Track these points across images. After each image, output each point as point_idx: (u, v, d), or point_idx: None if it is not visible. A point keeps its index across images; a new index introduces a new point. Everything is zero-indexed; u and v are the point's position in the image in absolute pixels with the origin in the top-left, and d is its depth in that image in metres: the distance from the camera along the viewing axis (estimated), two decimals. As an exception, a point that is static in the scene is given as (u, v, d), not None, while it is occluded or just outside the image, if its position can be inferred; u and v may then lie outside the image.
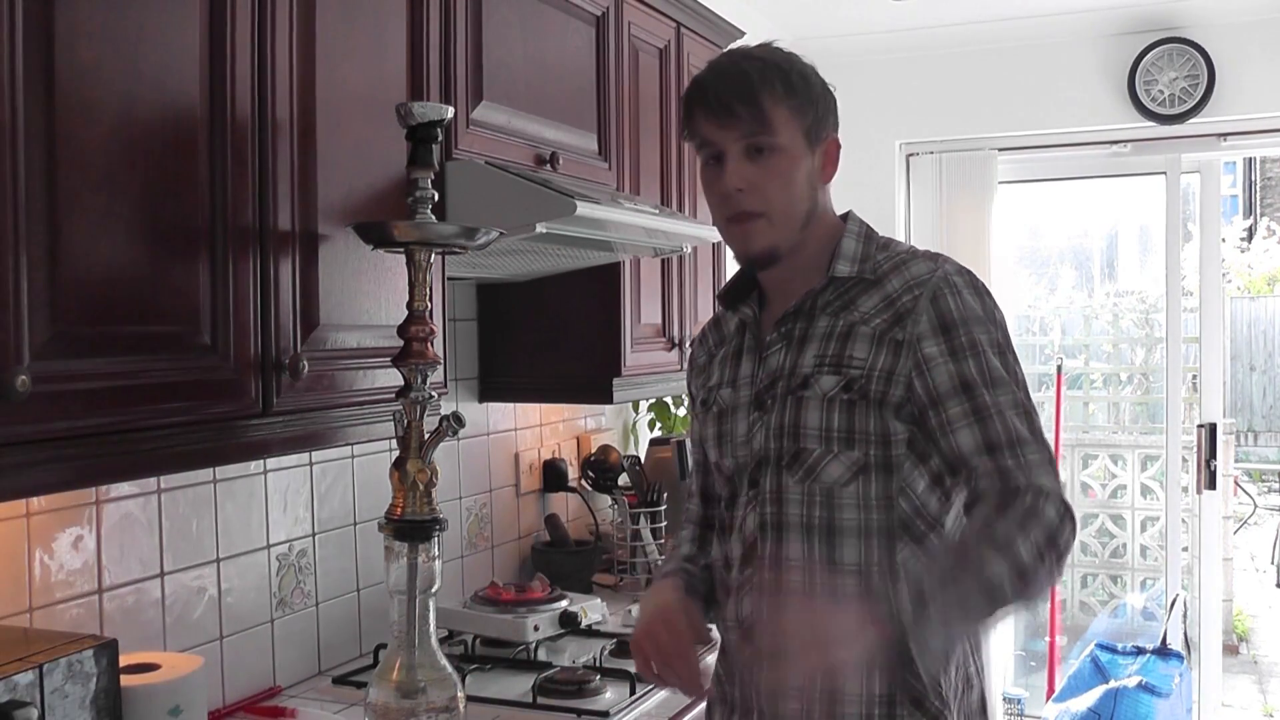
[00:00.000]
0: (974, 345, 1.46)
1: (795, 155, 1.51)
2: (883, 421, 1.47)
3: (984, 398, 1.44)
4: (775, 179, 1.51)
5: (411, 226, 1.55)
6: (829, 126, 1.56)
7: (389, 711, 1.51)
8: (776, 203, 1.52)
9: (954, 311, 1.47)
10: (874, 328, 1.50)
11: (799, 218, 1.53)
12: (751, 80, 1.50)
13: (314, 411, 1.66)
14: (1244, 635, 6.60)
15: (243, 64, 1.51)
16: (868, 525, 1.48)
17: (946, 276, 1.50)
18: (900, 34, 4.19)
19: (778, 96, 1.50)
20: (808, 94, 1.52)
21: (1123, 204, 6.81)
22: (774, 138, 1.50)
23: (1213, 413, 4.26)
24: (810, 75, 1.54)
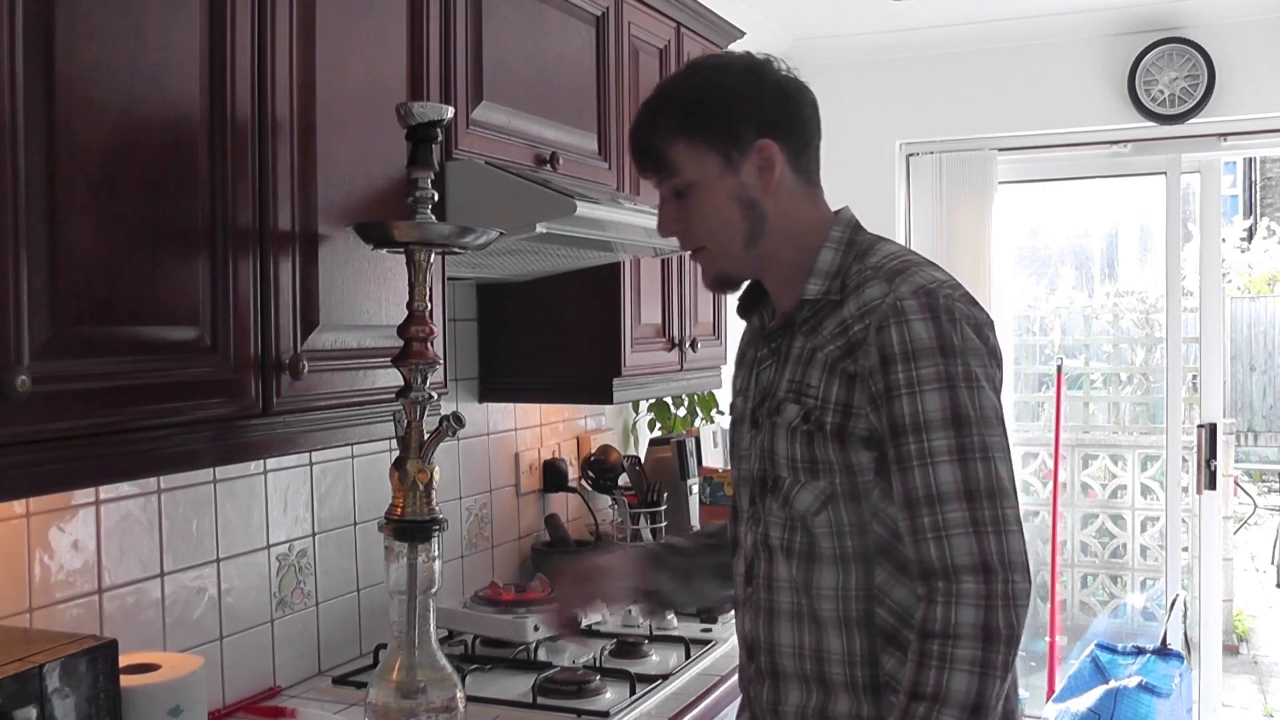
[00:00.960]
0: (911, 384, 1.36)
1: (709, 184, 1.47)
2: (845, 453, 1.41)
3: (909, 445, 1.35)
4: (696, 215, 1.49)
5: (411, 226, 1.55)
6: (750, 133, 1.46)
7: (389, 712, 1.51)
8: (706, 236, 1.50)
9: (894, 345, 1.37)
10: (827, 355, 1.43)
11: (738, 241, 1.49)
12: (644, 126, 1.50)
13: (314, 411, 1.65)
14: (1244, 635, 6.59)
15: (243, 64, 1.51)
16: (843, 552, 1.44)
17: (896, 303, 1.39)
18: (900, 34, 4.19)
19: (671, 134, 1.46)
20: (708, 115, 1.46)
21: (1123, 204, 6.81)
22: (681, 177, 1.47)
23: (1213, 413, 4.26)
24: (711, 91, 1.47)
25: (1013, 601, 1.31)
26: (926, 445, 1.34)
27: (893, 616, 1.42)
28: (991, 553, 1.31)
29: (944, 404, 1.35)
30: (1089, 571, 5.39)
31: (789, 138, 1.49)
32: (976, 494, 1.32)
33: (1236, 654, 6.22)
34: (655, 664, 2.31)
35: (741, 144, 1.46)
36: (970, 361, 1.37)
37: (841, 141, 4.42)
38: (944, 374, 1.35)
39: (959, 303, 1.40)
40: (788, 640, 1.49)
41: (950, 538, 1.32)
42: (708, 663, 2.33)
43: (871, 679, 1.43)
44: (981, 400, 1.37)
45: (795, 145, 1.50)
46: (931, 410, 1.34)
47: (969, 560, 1.31)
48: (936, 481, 1.33)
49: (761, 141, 1.47)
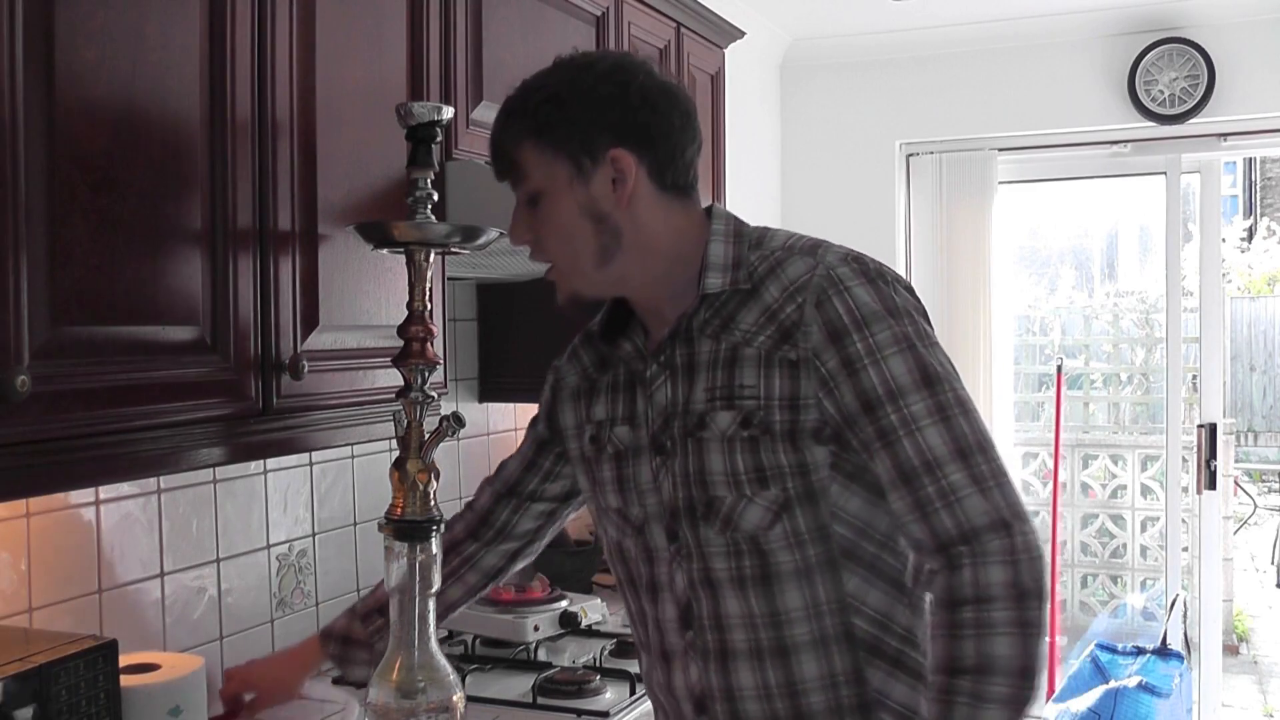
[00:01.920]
0: (871, 352, 1.27)
1: (558, 194, 1.34)
2: (798, 453, 1.30)
3: (889, 416, 1.26)
4: (545, 227, 1.36)
5: (411, 227, 1.55)
6: (605, 141, 1.32)
7: (389, 712, 1.50)
8: (554, 252, 1.37)
9: (843, 315, 1.28)
10: (759, 348, 1.31)
11: (588, 259, 1.35)
12: (497, 128, 1.37)
13: (314, 411, 1.66)
14: (1244, 635, 6.59)
15: (243, 64, 1.51)
16: (806, 564, 1.31)
17: (829, 273, 1.30)
18: (900, 34, 4.19)
19: (521, 136, 1.34)
20: (560, 118, 1.32)
21: (1123, 204, 6.82)
22: (531, 184, 1.35)
23: (1213, 413, 4.26)
24: (567, 92, 1.33)
25: (1035, 552, 1.24)
26: (907, 412, 1.26)
27: (872, 625, 1.33)
28: (1003, 506, 1.24)
29: (910, 365, 1.27)
30: (1089, 571, 5.39)
31: (648, 149, 1.34)
32: (970, 451, 1.25)
33: (1236, 654, 6.22)
34: (655, 664, 2.30)
35: (594, 152, 1.32)
36: (916, 319, 1.31)
37: (841, 141, 4.45)
38: (900, 335, 1.28)
39: (890, 271, 1.35)
40: (749, 683, 1.34)
41: (961, 501, 1.24)
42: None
43: (858, 698, 1.32)
44: (939, 355, 1.30)
45: (657, 155, 1.35)
46: (900, 375, 1.27)
47: (986, 519, 1.23)
48: (928, 446, 1.25)
49: (615, 151, 1.32)
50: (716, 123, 3.10)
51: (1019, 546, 1.23)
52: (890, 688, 1.34)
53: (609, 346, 1.48)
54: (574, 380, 1.53)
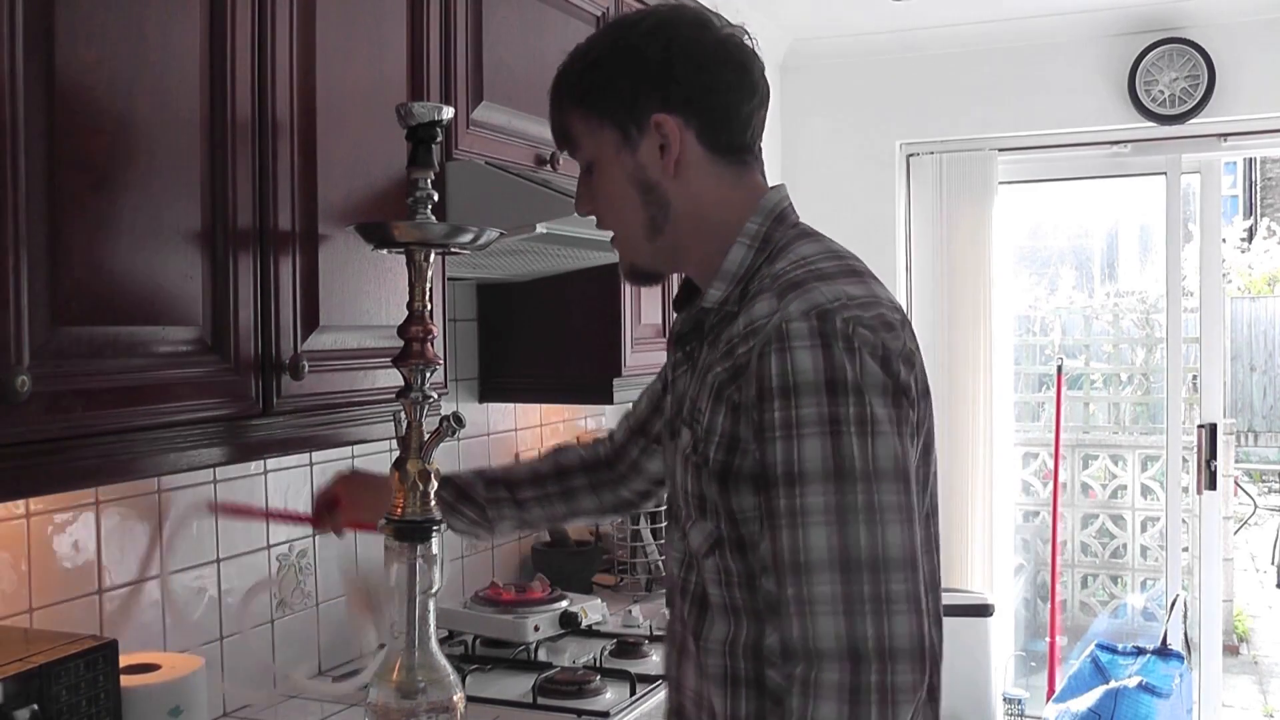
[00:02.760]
0: (788, 425, 1.12)
1: (607, 163, 1.29)
2: (727, 496, 1.20)
3: (778, 499, 1.13)
4: (599, 196, 1.32)
5: (412, 227, 1.55)
6: (650, 106, 1.25)
7: (389, 712, 1.50)
8: (609, 220, 1.33)
9: (773, 377, 1.14)
10: (715, 377, 1.21)
11: (640, 228, 1.30)
12: (552, 97, 1.34)
13: (314, 411, 1.66)
14: (1244, 635, 6.59)
15: (243, 64, 1.51)
16: (733, 604, 1.23)
17: (781, 326, 1.15)
18: (900, 34, 4.18)
19: (570, 105, 1.30)
20: (605, 84, 1.27)
21: (1123, 204, 6.82)
22: (583, 153, 1.32)
23: (1213, 413, 4.26)
24: (612, 55, 1.27)
25: (890, 696, 1.08)
26: (799, 502, 1.11)
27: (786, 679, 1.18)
28: (864, 637, 1.08)
29: (825, 452, 1.11)
30: (1089, 572, 5.39)
31: (699, 110, 1.26)
32: (854, 565, 1.09)
33: (1236, 654, 6.22)
34: (655, 664, 2.30)
35: (640, 118, 1.26)
36: (869, 400, 1.12)
37: (841, 141, 4.45)
38: (828, 415, 1.11)
39: (864, 328, 1.15)
40: (692, 684, 1.30)
41: (815, 615, 1.10)
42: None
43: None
44: (876, 448, 1.12)
45: (708, 117, 1.27)
46: (809, 460, 1.11)
47: (834, 645, 1.09)
48: (806, 546, 1.11)
49: (658, 116, 1.25)
50: (716, 123, 3.09)
51: (865, 686, 1.08)
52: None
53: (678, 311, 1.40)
54: None
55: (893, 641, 1.09)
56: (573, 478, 1.68)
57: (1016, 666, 4.78)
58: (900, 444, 1.15)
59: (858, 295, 1.19)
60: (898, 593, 1.10)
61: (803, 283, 1.19)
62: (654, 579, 2.91)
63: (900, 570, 1.11)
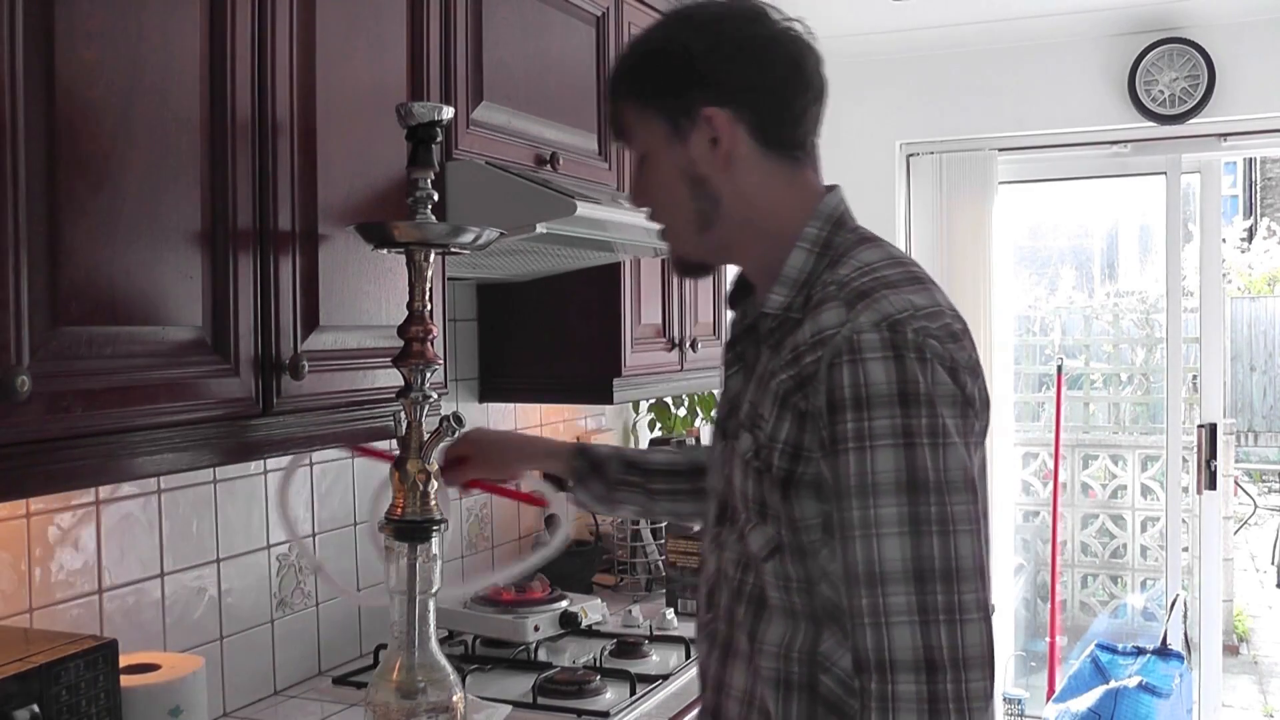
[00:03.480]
0: (860, 437, 1.12)
1: (658, 153, 1.29)
2: (789, 504, 1.20)
3: (851, 510, 1.13)
4: (650, 187, 1.32)
5: (412, 227, 1.55)
6: (700, 99, 1.25)
7: (389, 712, 1.50)
8: (659, 212, 1.34)
9: (845, 389, 1.13)
10: (780, 384, 1.20)
11: (687, 224, 1.30)
12: (609, 88, 1.35)
13: (314, 411, 1.66)
14: (1244, 635, 6.59)
15: (243, 64, 1.51)
16: (791, 607, 1.23)
17: (852, 338, 1.14)
18: (900, 34, 4.18)
19: (624, 95, 1.31)
20: (658, 75, 1.27)
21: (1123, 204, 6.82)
22: (636, 144, 1.32)
23: (1213, 413, 4.26)
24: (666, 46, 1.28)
25: (966, 704, 1.09)
26: (873, 513, 1.12)
27: (839, 686, 1.22)
28: (940, 647, 1.10)
29: (898, 464, 1.12)
30: (1089, 572, 5.40)
31: (749, 105, 1.26)
32: (929, 575, 1.10)
33: (1236, 654, 6.22)
34: (655, 664, 2.31)
35: (691, 111, 1.26)
36: (940, 411, 1.13)
37: (841, 141, 4.44)
38: (902, 427, 1.12)
39: (933, 339, 1.15)
40: (739, 684, 1.29)
41: (890, 626, 1.11)
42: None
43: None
44: (948, 460, 1.13)
45: (760, 112, 1.27)
46: (882, 471, 1.12)
47: (910, 655, 1.10)
48: (880, 558, 1.11)
49: (709, 110, 1.25)
50: (716, 123, 3.09)
51: (942, 695, 1.09)
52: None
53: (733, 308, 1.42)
54: None
55: (965, 651, 1.10)
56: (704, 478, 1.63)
57: (1016, 666, 4.78)
58: (967, 455, 1.15)
59: (924, 305, 1.18)
60: (969, 602, 1.11)
61: (871, 291, 1.18)
62: (654, 579, 2.91)
63: (970, 580, 1.12)
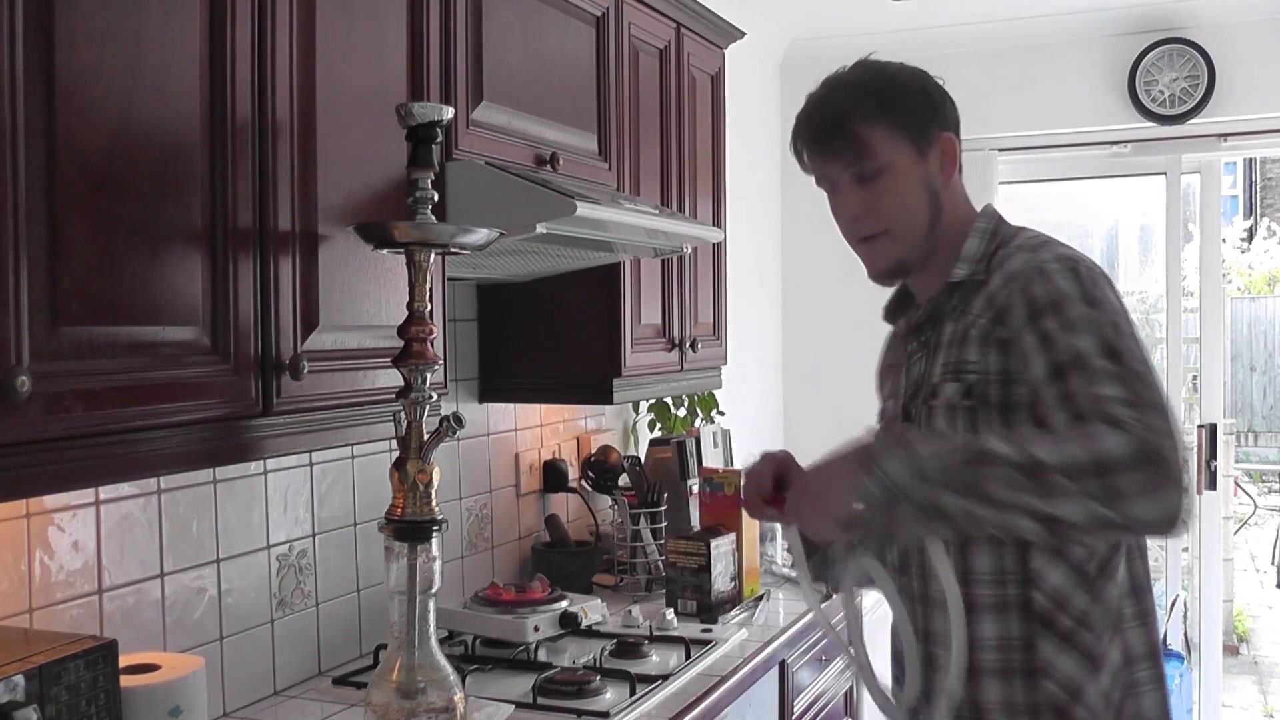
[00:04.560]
0: (1065, 326, 1.38)
1: (903, 168, 1.54)
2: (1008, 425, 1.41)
3: (1073, 381, 1.35)
4: (887, 198, 1.54)
5: (412, 227, 1.55)
6: (938, 127, 1.56)
7: (389, 712, 1.51)
8: (895, 219, 1.55)
9: (1043, 297, 1.41)
10: (980, 329, 1.46)
11: (921, 227, 1.55)
12: (843, 110, 1.54)
13: (314, 412, 1.65)
14: (1244, 636, 6.59)
15: (243, 64, 1.51)
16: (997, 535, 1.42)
17: (1040, 264, 1.44)
18: (900, 34, 4.18)
19: (871, 119, 1.53)
20: (905, 105, 1.54)
21: (1123, 204, 6.81)
22: (875, 161, 1.53)
23: (1213, 413, 4.26)
24: (907, 83, 1.56)
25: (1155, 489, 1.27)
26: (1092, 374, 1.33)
27: (1049, 601, 1.43)
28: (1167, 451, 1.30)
29: (1098, 341, 1.36)
30: (1089, 572, 5.39)
31: (959, 136, 1.59)
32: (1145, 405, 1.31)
33: (1236, 654, 6.22)
34: (655, 664, 2.31)
35: (929, 134, 1.55)
36: (1118, 320, 1.39)
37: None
38: (1091, 318, 1.38)
39: (1100, 276, 1.44)
40: (939, 629, 1.50)
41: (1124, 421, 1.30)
42: (708, 663, 2.33)
43: (1026, 664, 1.44)
44: (1131, 345, 1.37)
45: (957, 143, 1.59)
46: (1087, 346, 1.35)
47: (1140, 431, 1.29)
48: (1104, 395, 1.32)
49: (945, 135, 1.56)
50: (716, 123, 3.10)
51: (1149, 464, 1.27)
52: (1058, 660, 1.43)
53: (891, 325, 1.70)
54: (880, 367, 1.72)
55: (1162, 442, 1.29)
56: None
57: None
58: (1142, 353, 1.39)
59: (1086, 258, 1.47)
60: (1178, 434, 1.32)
61: (1048, 242, 1.51)
62: (654, 579, 2.91)
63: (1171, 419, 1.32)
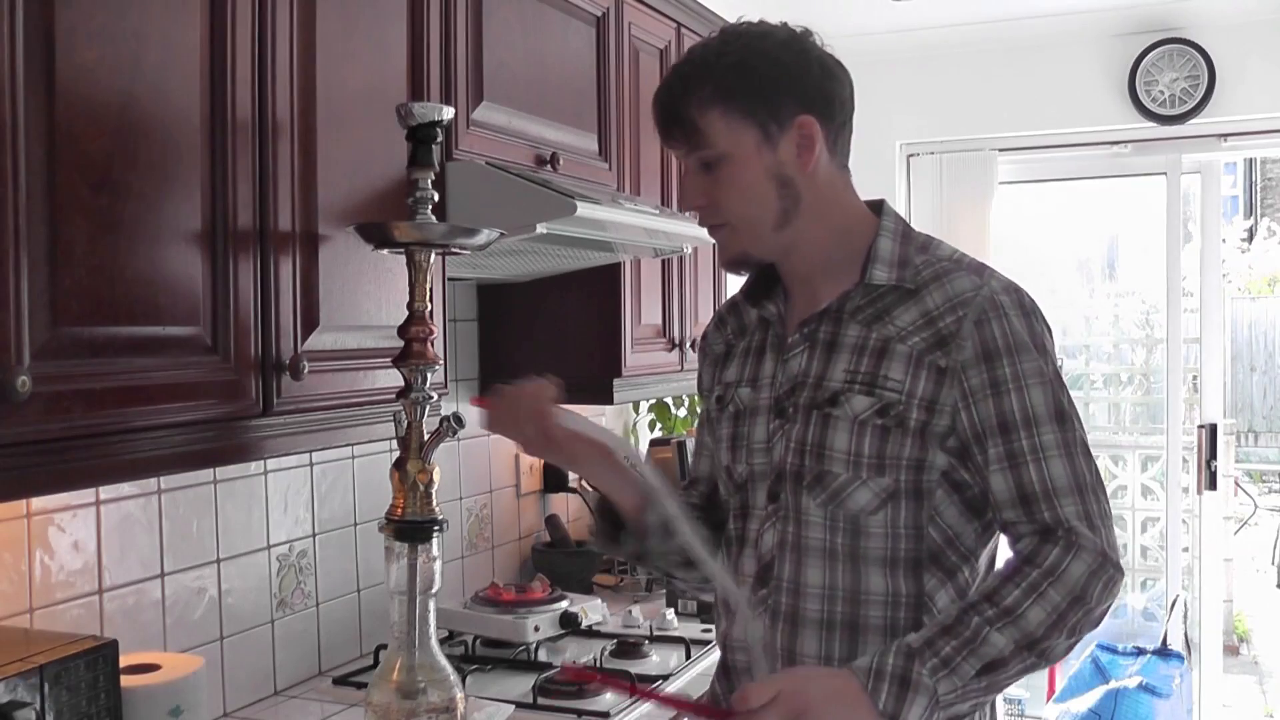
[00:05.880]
0: (1018, 379, 1.34)
1: (744, 157, 1.38)
2: (922, 450, 1.36)
3: (1021, 440, 1.33)
4: (726, 189, 1.40)
5: (412, 227, 1.55)
6: (795, 108, 1.38)
7: (389, 712, 1.50)
8: (735, 212, 1.41)
9: (998, 339, 1.35)
10: (912, 346, 1.37)
11: (767, 220, 1.40)
12: (676, 93, 1.40)
13: (314, 412, 1.66)
14: (1244, 636, 6.59)
15: (243, 64, 1.51)
16: (895, 555, 1.38)
17: (993, 297, 1.37)
18: (900, 34, 4.18)
19: (707, 102, 1.37)
20: (748, 85, 1.37)
21: (1123, 204, 6.81)
22: (714, 149, 1.39)
23: (1213, 413, 4.26)
24: (755, 60, 1.37)
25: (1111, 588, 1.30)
26: (1038, 440, 1.33)
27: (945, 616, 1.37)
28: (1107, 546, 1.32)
29: (1048, 400, 1.35)
30: (1089, 572, 5.39)
31: (828, 116, 1.41)
32: (1087, 489, 1.33)
33: (1236, 654, 6.22)
34: (655, 664, 2.31)
35: (781, 118, 1.38)
36: (1055, 361, 1.39)
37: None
38: (1042, 370, 1.36)
39: (1039, 309, 1.43)
40: (812, 651, 1.40)
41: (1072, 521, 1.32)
42: (708, 663, 2.32)
43: None
44: (1069, 397, 1.38)
45: (834, 125, 1.42)
46: (1039, 405, 1.34)
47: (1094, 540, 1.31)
48: (1051, 476, 1.32)
49: (802, 117, 1.38)
50: (717, 123, 3.09)
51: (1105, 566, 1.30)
52: None
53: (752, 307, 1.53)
54: (718, 348, 1.59)
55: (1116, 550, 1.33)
56: None
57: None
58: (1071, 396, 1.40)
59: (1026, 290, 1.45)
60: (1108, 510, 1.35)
61: (983, 267, 1.43)
62: (654, 579, 2.91)
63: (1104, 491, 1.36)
